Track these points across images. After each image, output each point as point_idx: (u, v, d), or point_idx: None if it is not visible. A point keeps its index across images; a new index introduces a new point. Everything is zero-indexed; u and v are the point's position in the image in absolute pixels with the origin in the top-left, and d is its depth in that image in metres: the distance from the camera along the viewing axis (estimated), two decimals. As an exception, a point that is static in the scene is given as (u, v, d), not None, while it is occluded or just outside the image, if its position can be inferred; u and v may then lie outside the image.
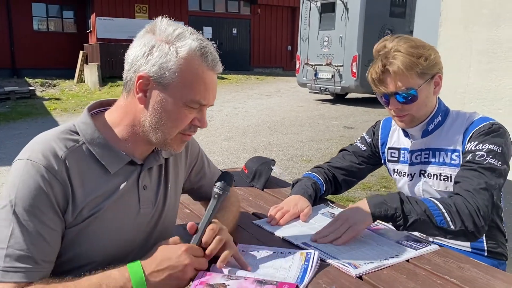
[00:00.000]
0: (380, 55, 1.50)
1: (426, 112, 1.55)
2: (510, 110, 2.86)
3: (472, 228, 1.30)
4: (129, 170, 1.12)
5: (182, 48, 1.03)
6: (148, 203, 1.17)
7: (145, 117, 1.08)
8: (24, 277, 0.96)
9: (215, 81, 1.10)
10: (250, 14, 21.84)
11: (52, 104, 12.00)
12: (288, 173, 5.28)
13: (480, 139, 1.46)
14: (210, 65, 1.06)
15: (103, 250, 1.08)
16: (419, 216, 1.31)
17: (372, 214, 1.34)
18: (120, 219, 1.10)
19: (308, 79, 11.94)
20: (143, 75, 1.04)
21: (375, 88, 1.54)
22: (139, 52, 1.05)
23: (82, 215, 1.04)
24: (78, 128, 1.08)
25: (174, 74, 1.03)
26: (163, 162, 1.23)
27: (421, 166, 1.63)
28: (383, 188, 4.77)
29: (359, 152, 1.81)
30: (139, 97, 1.06)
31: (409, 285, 1.08)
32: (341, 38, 10.95)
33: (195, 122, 1.11)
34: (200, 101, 1.07)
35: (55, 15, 19.31)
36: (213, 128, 8.24)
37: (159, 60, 1.03)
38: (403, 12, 11.26)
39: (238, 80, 16.75)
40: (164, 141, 1.11)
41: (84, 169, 1.05)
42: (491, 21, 2.97)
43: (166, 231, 1.25)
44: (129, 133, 1.11)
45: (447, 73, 1.60)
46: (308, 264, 1.12)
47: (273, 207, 1.55)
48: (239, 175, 2.03)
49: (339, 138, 7.41)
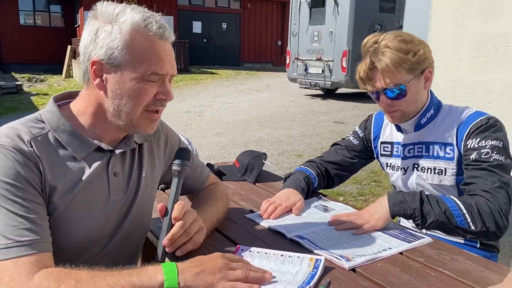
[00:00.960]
0: (369, 52, 1.48)
1: (416, 107, 1.55)
2: (500, 103, 2.88)
3: (493, 228, 1.30)
4: (97, 156, 1.12)
5: (124, 24, 1.03)
6: (119, 190, 1.16)
7: (107, 103, 1.08)
8: (30, 249, 0.93)
9: (169, 49, 1.08)
10: (240, 9, 21.75)
11: (40, 100, 11.84)
12: (279, 167, 5.28)
13: (481, 136, 1.45)
14: (158, 34, 1.05)
15: (73, 237, 1.07)
16: (437, 217, 1.32)
17: (391, 212, 1.36)
18: (89, 205, 1.09)
19: (299, 74, 11.93)
20: (95, 60, 1.04)
21: (363, 86, 1.53)
22: (87, 40, 1.06)
23: (52, 202, 1.03)
24: (43, 117, 1.09)
25: (122, 52, 1.03)
26: (136, 148, 1.22)
27: (414, 159, 1.62)
28: (373, 182, 4.79)
29: (352, 147, 1.80)
30: (97, 83, 1.06)
31: (403, 278, 1.07)
32: (331, 33, 10.94)
33: (159, 96, 1.09)
34: (156, 71, 1.05)
35: (42, 9, 19.02)
36: (204, 123, 8.20)
37: (105, 41, 1.03)
38: (392, 7, 11.29)
39: (228, 75, 16.69)
40: (130, 122, 1.10)
41: (51, 155, 1.04)
42: (481, 15, 2.98)
43: (139, 220, 1.24)
44: (95, 120, 1.11)
45: (438, 67, 1.59)
46: (317, 272, 1.06)
47: (265, 201, 1.54)
48: (230, 169, 2.02)
49: (330, 133, 7.42)
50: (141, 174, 1.23)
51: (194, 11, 20.52)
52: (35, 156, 1.00)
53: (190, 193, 1.50)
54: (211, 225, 1.30)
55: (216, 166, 2.04)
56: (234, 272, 1.00)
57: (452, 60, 3.07)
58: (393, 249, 1.22)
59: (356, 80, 1.57)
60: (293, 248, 1.23)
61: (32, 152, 1.00)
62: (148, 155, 1.26)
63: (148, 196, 1.26)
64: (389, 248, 1.22)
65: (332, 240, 1.27)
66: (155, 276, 0.93)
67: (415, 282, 1.05)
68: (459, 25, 3.10)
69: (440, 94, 1.69)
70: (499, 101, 2.87)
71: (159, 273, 0.94)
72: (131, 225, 1.20)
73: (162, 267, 0.96)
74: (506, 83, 2.86)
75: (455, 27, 3.11)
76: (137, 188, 1.21)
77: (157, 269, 0.95)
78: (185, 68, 16.52)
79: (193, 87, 13.40)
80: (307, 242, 1.25)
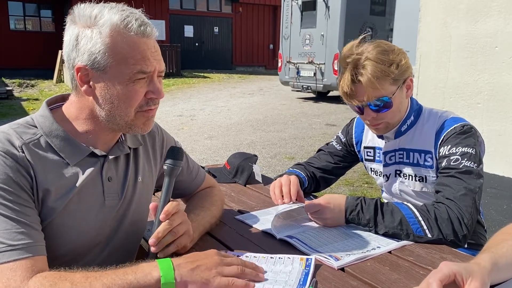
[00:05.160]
0: (349, 64, 1.44)
1: (400, 117, 1.53)
2: (488, 104, 2.90)
3: (451, 237, 1.27)
4: (91, 162, 1.10)
5: (103, 27, 1.01)
6: (114, 195, 1.14)
7: (99, 108, 1.06)
8: (24, 252, 0.92)
9: (152, 46, 1.06)
10: (231, 13, 21.79)
11: (30, 105, 11.75)
12: (272, 170, 5.27)
13: (452, 142, 1.44)
14: (139, 32, 1.02)
15: (68, 244, 1.06)
16: (388, 229, 1.30)
17: (346, 219, 1.36)
18: (84, 211, 1.08)
19: (291, 77, 11.96)
20: (79, 66, 1.02)
21: (348, 101, 1.49)
22: (69, 47, 1.04)
23: (46, 208, 1.01)
24: (36, 121, 1.07)
25: (105, 55, 1.01)
26: (129, 152, 1.20)
27: (396, 166, 1.62)
28: (365, 183, 4.80)
29: (335, 152, 1.80)
30: (85, 90, 1.04)
31: (392, 277, 1.07)
32: (323, 36, 10.99)
33: (150, 95, 1.08)
34: (142, 70, 1.03)
35: (33, 14, 18.93)
36: (196, 127, 8.19)
37: (86, 47, 1.01)
38: (383, 10, 11.38)
39: (221, 79, 16.68)
40: (126, 125, 1.08)
41: (43, 161, 1.02)
42: (469, 16, 3.01)
43: (135, 225, 1.22)
44: (88, 126, 1.09)
45: (427, 69, 1.60)
46: (309, 270, 1.07)
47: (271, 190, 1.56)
48: (221, 171, 2.01)
49: (322, 135, 7.43)
50: (137, 180, 1.21)
51: (186, 15, 20.53)
52: (26, 162, 0.99)
53: (185, 195, 1.48)
54: (203, 230, 1.29)
55: (207, 168, 2.03)
56: (230, 268, 0.99)
57: (441, 61, 3.09)
58: (382, 248, 1.22)
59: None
60: (283, 249, 1.23)
61: (23, 157, 0.99)
62: (143, 160, 1.25)
63: (144, 202, 1.24)
64: (378, 247, 1.22)
65: (321, 239, 1.28)
66: (151, 272, 0.92)
67: (405, 281, 1.05)
68: (448, 27, 3.12)
69: (429, 95, 1.70)
70: (488, 101, 2.89)
71: (155, 270, 0.93)
72: (127, 231, 1.18)
73: (158, 263, 0.94)
74: (494, 84, 2.88)
75: (443, 29, 3.14)
76: (133, 194, 1.19)
77: (152, 266, 0.94)
78: (177, 72, 16.50)
79: (185, 91, 13.38)
80: (296, 241, 1.25)
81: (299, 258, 1.13)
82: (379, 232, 1.31)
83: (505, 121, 2.82)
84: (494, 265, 0.93)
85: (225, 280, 0.96)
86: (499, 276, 0.96)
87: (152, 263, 0.95)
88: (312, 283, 1.02)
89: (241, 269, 1.00)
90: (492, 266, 0.92)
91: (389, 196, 1.71)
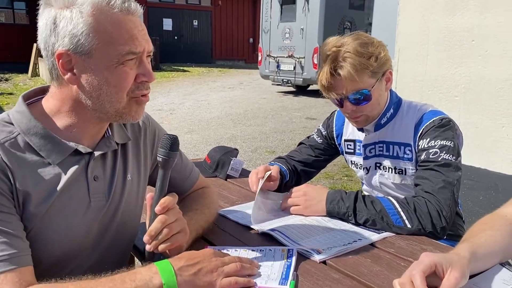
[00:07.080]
0: (329, 58, 1.44)
1: (380, 110, 1.54)
2: (466, 97, 2.95)
3: (430, 229, 1.28)
4: (74, 160, 1.01)
5: (84, 6, 0.91)
6: (100, 196, 1.06)
7: (85, 97, 0.97)
8: (8, 264, 0.84)
9: (139, 24, 0.97)
10: (211, 6, 21.62)
11: (5, 99, 11.44)
12: (253, 164, 5.27)
13: (431, 136, 1.45)
14: (124, 9, 0.94)
15: (52, 250, 0.98)
16: (369, 215, 1.30)
17: (327, 210, 1.38)
18: (69, 215, 1.00)
19: (271, 71, 11.95)
20: (60, 52, 0.92)
21: (327, 94, 1.49)
22: (46, 32, 0.94)
23: (27, 213, 0.93)
24: (12, 118, 0.97)
25: (89, 37, 0.91)
26: (117, 148, 1.11)
27: (376, 159, 1.63)
28: (345, 176, 4.84)
29: (316, 145, 1.81)
30: (68, 78, 0.95)
31: (374, 269, 1.08)
32: (302, 30, 11.01)
33: (141, 78, 0.99)
34: (130, 50, 0.94)
35: (6, 6, 18.39)
36: (176, 121, 8.11)
37: (67, 29, 0.91)
38: (362, 4, 11.46)
39: (200, 73, 16.56)
40: (116, 113, 1.00)
41: (22, 162, 0.94)
42: (447, 10, 3.04)
43: (125, 226, 1.14)
44: (72, 119, 1.00)
45: (406, 62, 1.60)
46: (292, 262, 1.07)
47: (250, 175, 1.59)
48: (202, 165, 1.99)
49: (302, 129, 7.46)
50: (126, 178, 1.12)
51: (165, 8, 20.28)
52: (3, 164, 0.90)
53: (178, 195, 1.42)
54: (195, 235, 1.20)
55: (187, 162, 2.01)
56: (229, 266, 0.97)
57: (420, 55, 3.12)
58: (363, 240, 1.22)
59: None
60: (265, 242, 1.22)
61: None
62: (133, 157, 1.16)
63: (134, 201, 1.16)
64: (359, 240, 1.23)
65: (303, 232, 1.27)
66: (152, 280, 0.87)
67: (386, 273, 1.06)
68: (426, 20, 3.15)
69: (408, 88, 1.71)
70: (465, 94, 2.94)
71: (156, 277, 0.88)
72: (117, 233, 1.11)
73: (158, 269, 0.89)
74: (471, 77, 2.93)
75: (422, 23, 3.17)
76: (122, 193, 1.11)
77: (152, 272, 0.89)
78: (156, 66, 16.30)
79: (165, 85, 13.23)
80: (278, 234, 1.24)
81: (280, 250, 1.13)
82: (359, 221, 1.32)
83: (482, 114, 2.87)
84: (473, 254, 0.94)
85: (227, 281, 0.94)
86: (478, 266, 0.98)
87: (152, 269, 0.90)
88: (294, 277, 1.01)
89: (239, 265, 0.99)
90: (471, 255, 0.94)
91: (369, 188, 1.72)
